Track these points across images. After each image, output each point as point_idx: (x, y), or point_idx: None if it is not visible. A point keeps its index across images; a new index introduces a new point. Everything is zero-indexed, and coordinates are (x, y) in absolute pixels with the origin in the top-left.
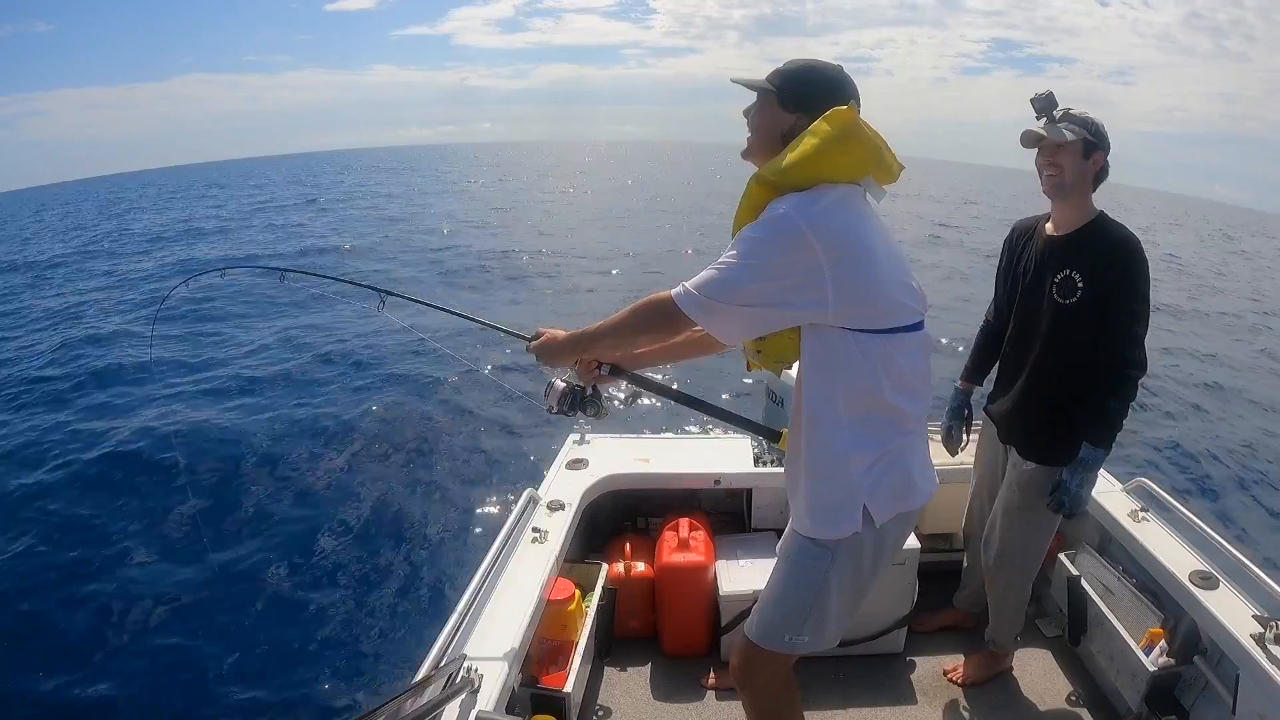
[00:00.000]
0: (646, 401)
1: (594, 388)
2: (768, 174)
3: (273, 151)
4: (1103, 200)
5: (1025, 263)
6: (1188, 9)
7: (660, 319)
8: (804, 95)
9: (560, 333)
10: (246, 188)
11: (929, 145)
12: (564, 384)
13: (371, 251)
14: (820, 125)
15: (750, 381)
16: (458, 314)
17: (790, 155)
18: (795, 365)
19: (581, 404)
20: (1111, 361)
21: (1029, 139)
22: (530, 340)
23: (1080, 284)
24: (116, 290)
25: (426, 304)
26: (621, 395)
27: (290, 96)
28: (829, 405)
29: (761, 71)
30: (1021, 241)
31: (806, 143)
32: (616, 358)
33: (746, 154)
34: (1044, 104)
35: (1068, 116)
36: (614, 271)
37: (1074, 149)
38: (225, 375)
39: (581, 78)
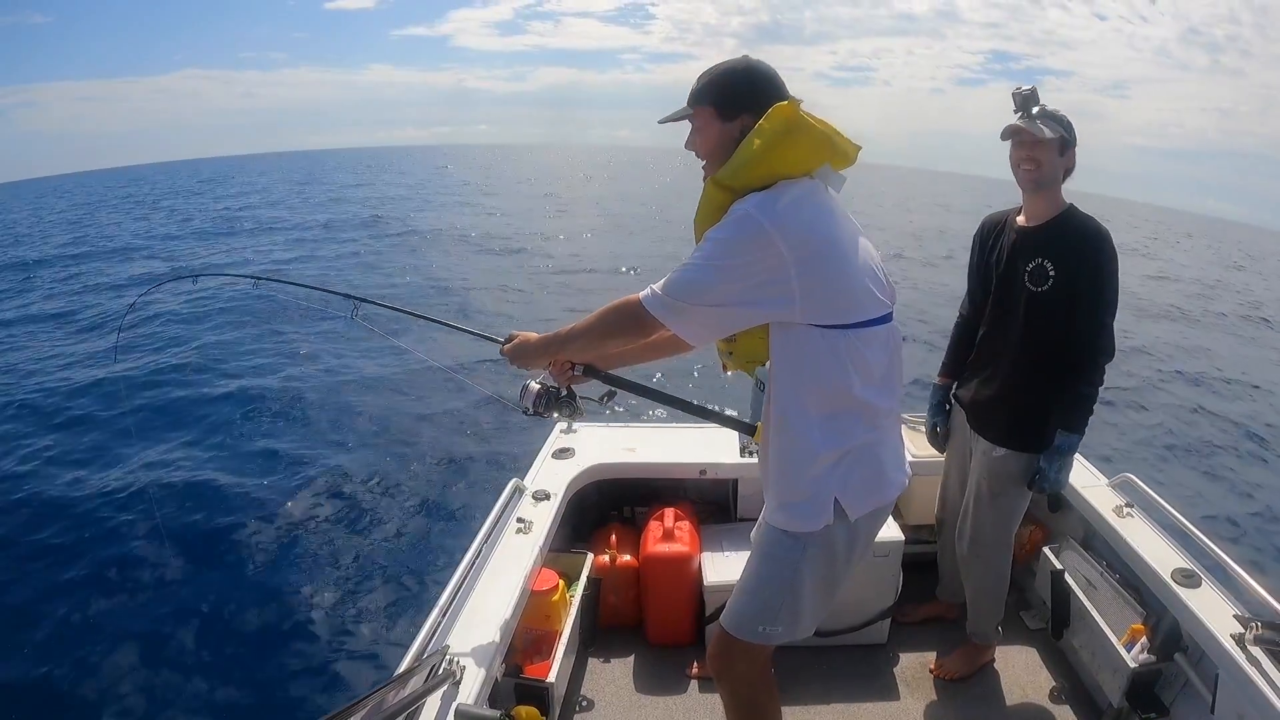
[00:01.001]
0: (627, 396)
1: (569, 388)
2: (723, 178)
3: (268, 149)
4: (1098, 214)
5: (998, 254)
6: (1185, 24)
7: (629, 322)
8: (740, 97)
9: (532, 335)
10: (243, 185)
11: (926, 156)
12: (538, 385)
13: (370, 255)
14: (763, 125)
15: (732, 374)
16: (430, 319)
17: (740, 156)
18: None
19: (556, 404)
20: (1081, 347)
21: (1010, 132)
22: (503, 343)
23: (1051, 272)
24: (93, 294)
25: (399, 310)
26: (596, 395)
27: (286, 94)
28: (798, 401)
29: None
30: (993, 234)
31: (752, 144)
32: (589, 358)
33: (708, 177)
34: (1026, 100)
35: (1045, 114)
36: (622, 273)
37: (1052, 146)
38: (201, 379)
39: (579, 82)
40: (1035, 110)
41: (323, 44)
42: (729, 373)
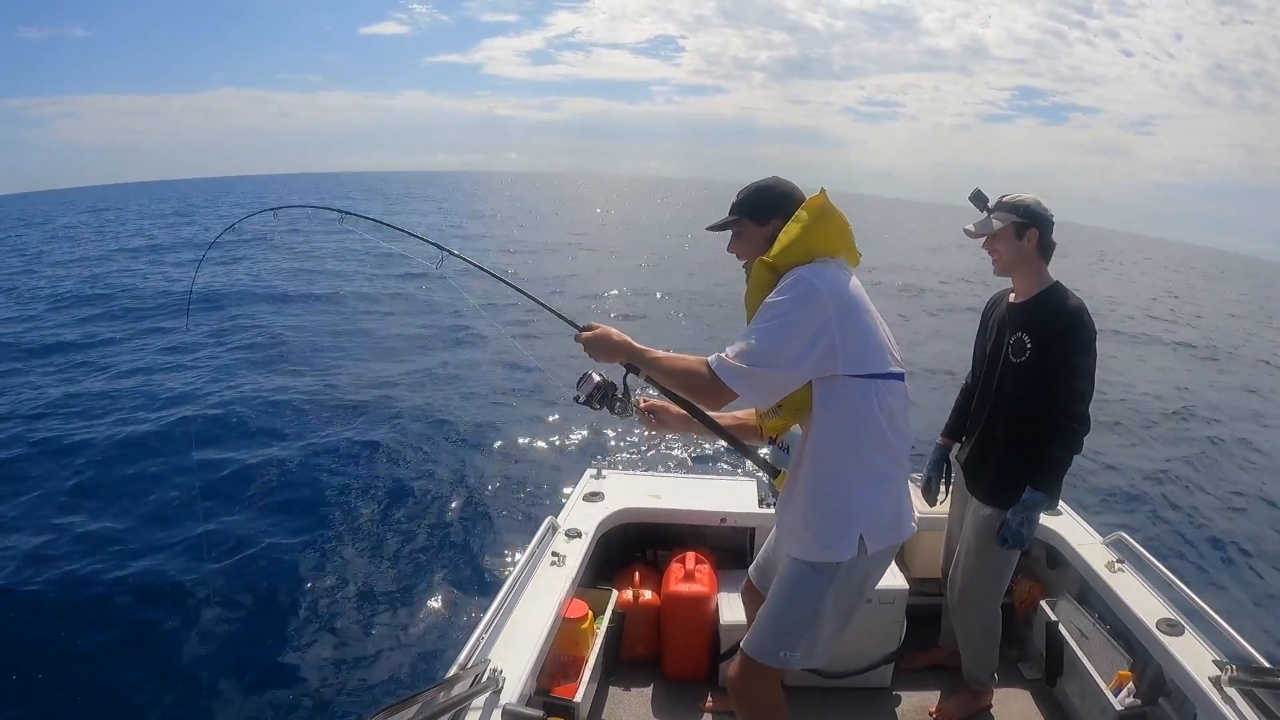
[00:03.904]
0: (662, 441)
1: (626, 388)
2: (770, 259)
3: (300, 169)
4: (1124, 251)
5: (990, 327)
6: (1211, 60)
7: (702, 386)
8: (770, 205)
9: (614, 332)
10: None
11: (952, 191)
12: (600, 378)
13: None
14: (801, 213)
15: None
16: (515, 286)
17: (783, 240)
18: None
19: (610, 401)
20: (1056, 415)
21: (967, 234)
22: (581, 329)
23: (1029, 345)
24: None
25: (487, 271)
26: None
27: (319, 116)
28: (837, 442)
29: (785, 112)
30: (991, 310)
31: (792, 229)
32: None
33: (749, 268)
34: (976, 200)
35: (1000, 204)
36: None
37: (1005, 234)
38: (251, 373)
39: (609, 112)
40: (991, 204)
41: (357, 68)
42: (769, 438)
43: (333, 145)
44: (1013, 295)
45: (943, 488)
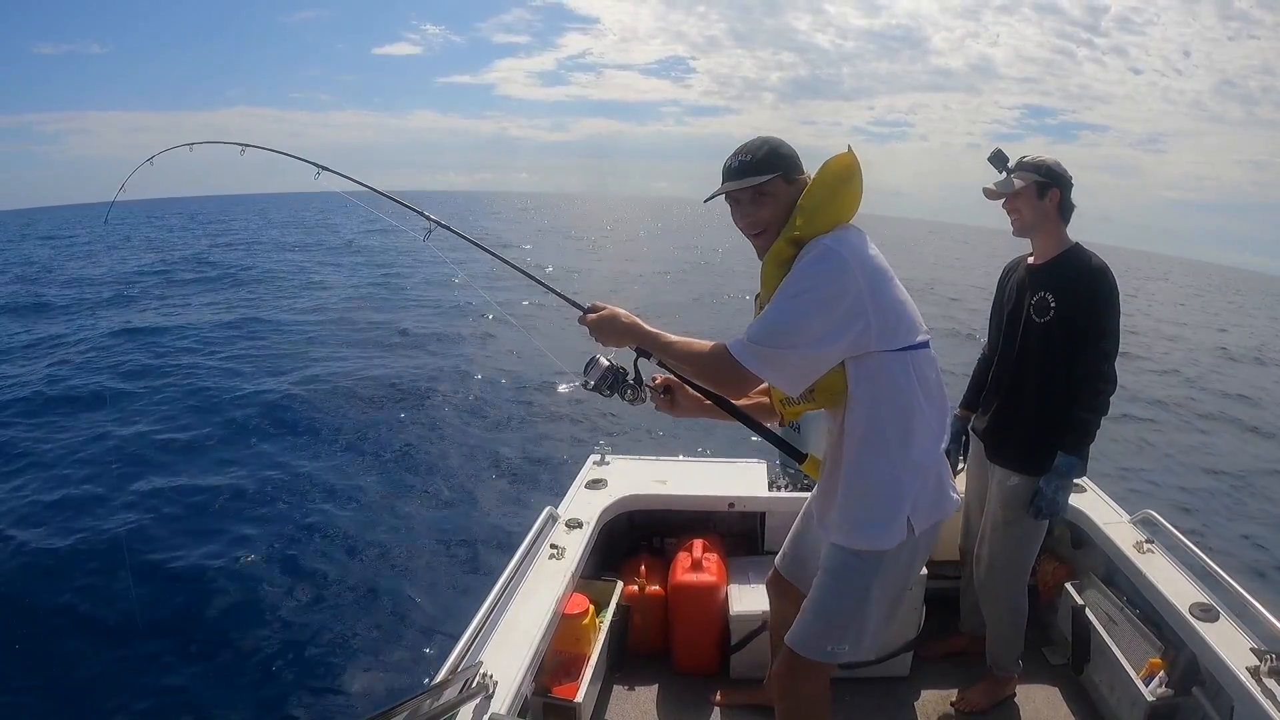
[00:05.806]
0: (669, 421)
1: (638, 373)
2: (796, 229)
3: (311, 188)
4: (1140, 268)
5: (1009, 291)
6: (1219, 77)
7: (722, 374)
8: (796, 160)
9: (621, 312)
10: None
11: (963, 210)
12: (608, 362)
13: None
14: (824, 176)
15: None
16: (509, 263)
17: (807, 205)
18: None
19: (620, 387)
20: (1083, 375)
21: (987, 194)
22: (586, 310)
23: (1053, 304)
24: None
25: (482, 247)
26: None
27: (331, 135)
28: (878, 424)
29: (795, 132)
30: (1008, 275)
31: (817, 193)
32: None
33: (766, 249)
34: (996, 160)
35: (1021, 164)
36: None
37: (1027, 193)
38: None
39: (619, 133)
40: (1011, 165)
41: (369, 88)
42: (789, 422)
43: (344, 164)
44: (1031, 258)
45: (960, 460)
